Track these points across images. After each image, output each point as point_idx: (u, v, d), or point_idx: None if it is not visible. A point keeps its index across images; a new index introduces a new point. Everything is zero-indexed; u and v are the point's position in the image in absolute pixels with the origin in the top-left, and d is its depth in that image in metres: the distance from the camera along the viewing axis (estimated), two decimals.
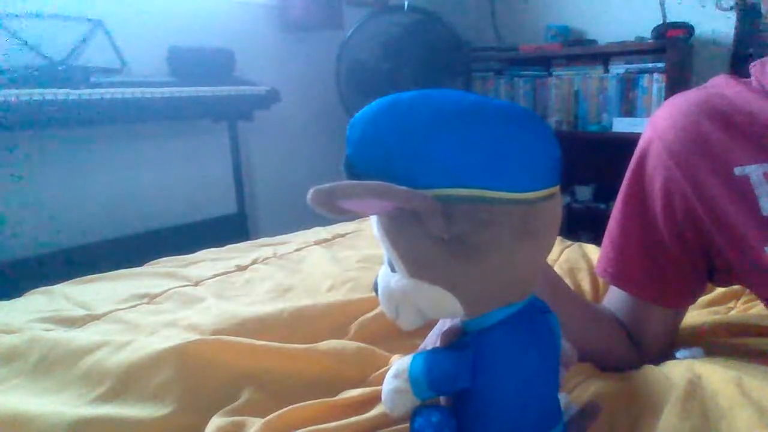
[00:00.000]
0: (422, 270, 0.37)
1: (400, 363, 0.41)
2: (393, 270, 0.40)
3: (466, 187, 0.35)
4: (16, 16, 1.79)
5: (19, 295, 0.93)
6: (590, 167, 2.73)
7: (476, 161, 0.35)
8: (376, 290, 0.42)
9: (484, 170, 0.35)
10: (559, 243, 1.10)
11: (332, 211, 0.33)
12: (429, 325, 0.61)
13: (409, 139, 0.36)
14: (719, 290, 0.83)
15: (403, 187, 0.34)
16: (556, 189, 0.38)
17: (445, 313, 0.39)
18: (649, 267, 0.63)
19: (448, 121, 0.36)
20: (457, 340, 0.41)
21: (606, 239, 0.68)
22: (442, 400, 0.42)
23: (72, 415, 0.51)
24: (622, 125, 2.52)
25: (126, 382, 0.58)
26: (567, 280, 0.89)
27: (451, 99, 0.37)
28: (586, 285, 0.91)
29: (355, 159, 0.38)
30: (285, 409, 0.52)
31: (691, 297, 0.66)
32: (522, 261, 0.38)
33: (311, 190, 0.32)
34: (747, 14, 2.38)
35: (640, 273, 0.64)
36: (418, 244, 0.36)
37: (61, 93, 1.60)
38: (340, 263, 1.07)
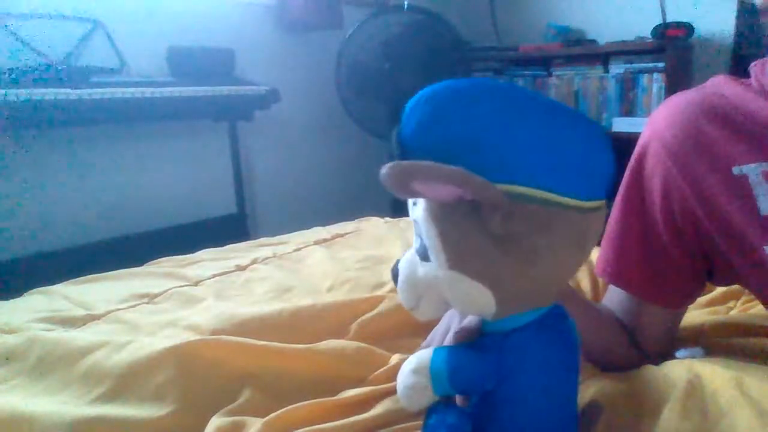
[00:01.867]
0: (467, 263, 0.36)
1: (420, 359, 0.40)
2: (424, 259, 0.38)
3: (536, 188, 0.34)
4: (17, 16, 1.79)
5: (19, 295, 0.93)
6: None
7: (549, 162, 0.34)
8: (395, 278, 0.41)
9: (555, 172, 0.34)
10: None
11: (402, 190, 0.31)
12: (428, 325, 0.61)
13: (481, 128, 0.35)
14: (719, 290, 0.83)
15: (481, 178, 0.32)
16: (605, 202, 0.38)
17: (475, 309, 0.38)
18: (648, 267, 0.63)
19: (522, 115, 0.35)
20: (477, 340, 0.40)
21: (605, 240, 0.68)
22: (458, 398, 0.41)
23: (72, 415, 0.51)
24: (621, 125, 2.52)
25: (126, 382, 0.58)
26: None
27: (516, 93, 0.36)
28: (585, 285, 0.91)
29: (413, 141, 0.36)
30: (285, 409, 0.52)
31: (690, 297, 0.66)
32: (567, 269, 0.38)
33: (387, 166, 0.30)
34: (747, 14, 2.38)
35: (639, 273, 0.64)
36: (470, 237, 0.35)
37: (61, 93, 1.60)
38: (339, 263, 1.07)
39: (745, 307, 0.79)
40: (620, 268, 0.65)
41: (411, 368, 0.40)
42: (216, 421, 0.51)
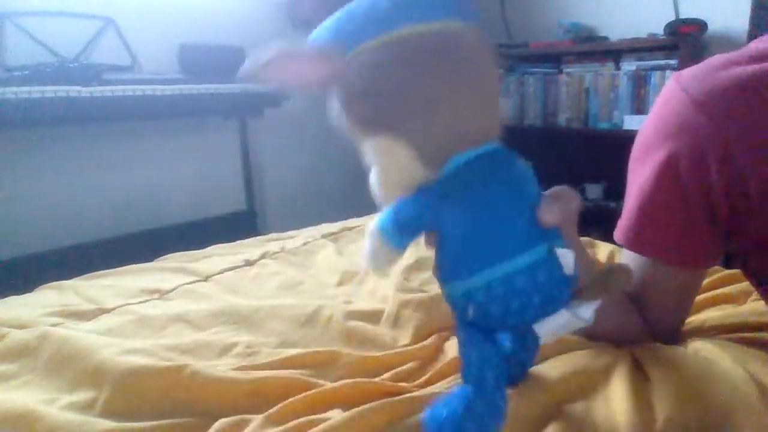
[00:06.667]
0: (366, 124, 0.43)
1: (370, 224, 0.43)
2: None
3: (374, 37, 0.40)
4: (29, 13, 1.81)
5: (31, 290, 0.95)
6: (600, 165, 2.71)
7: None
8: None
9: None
10: None
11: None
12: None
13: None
14: (724, 289, 0.82)
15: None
16: (457, 24, 0.40)
17: (408, 169, 0.41)
18: (672, 233, 0.61)
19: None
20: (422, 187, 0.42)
21: (627, 208, 0.66)
22: (425, 240, 0.44)
23: (80, 422, 0.51)
24: (633, 123, 2.50)
25: (131, 386, 0.57)
26: None
27: None
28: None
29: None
30: (284, 402, 0.52)
31: (708, 258, 0.64)
32: (448, 98, 0.39)
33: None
34: (761, 9, 2.35)
35: (663, 238, 0.62)
36: (353, 105, 0.42)
37: (72, 90, 1.61)
38: (347, 257, 1.07)
39: (752, 306, 0.78)
40: (639, 233, 0.63)
41: (366, 235, 0.43)
42: (218, 425, 0.51)
